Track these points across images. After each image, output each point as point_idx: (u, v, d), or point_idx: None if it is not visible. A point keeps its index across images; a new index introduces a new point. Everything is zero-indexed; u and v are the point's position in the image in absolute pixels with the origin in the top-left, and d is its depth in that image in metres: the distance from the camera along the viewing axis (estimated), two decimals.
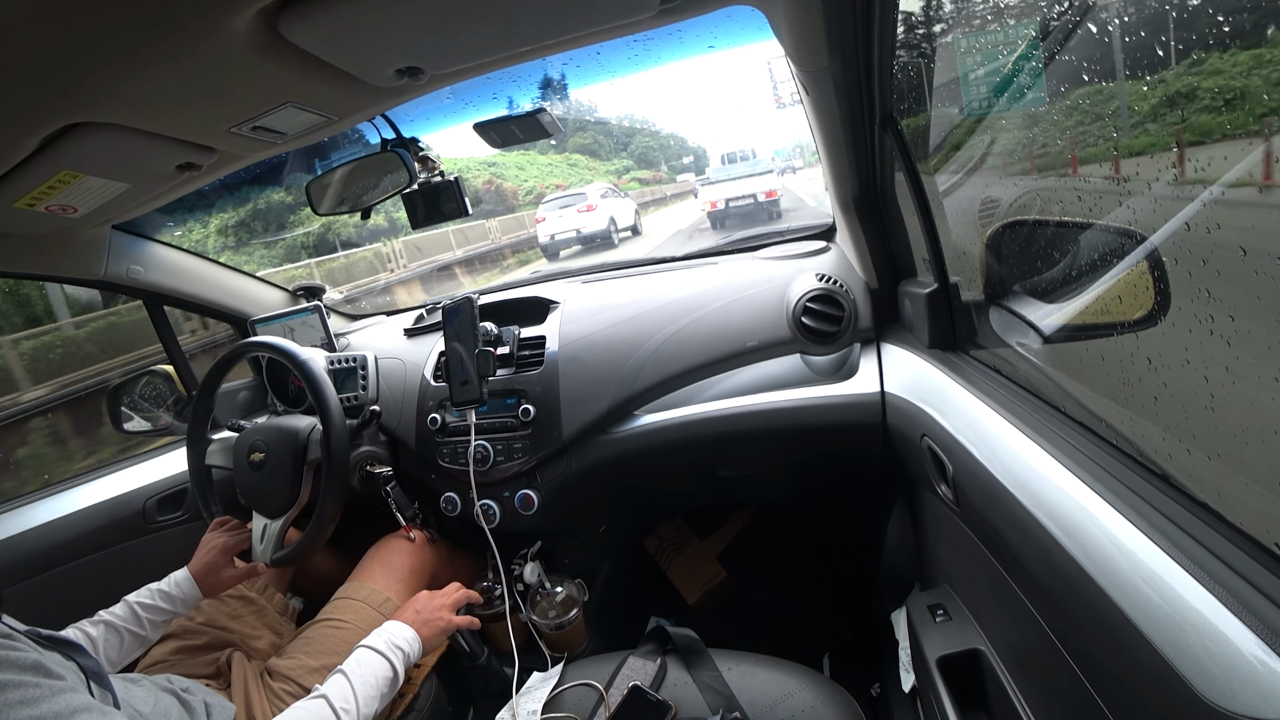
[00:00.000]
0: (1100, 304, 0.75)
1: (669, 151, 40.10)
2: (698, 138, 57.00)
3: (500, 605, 1.34)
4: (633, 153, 37.51)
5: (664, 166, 36.32)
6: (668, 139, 43.09)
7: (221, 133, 0.91)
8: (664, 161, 37.40)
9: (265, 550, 1.18)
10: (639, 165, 35.99)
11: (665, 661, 1.08)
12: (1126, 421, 0.69)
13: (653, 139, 39.88)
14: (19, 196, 0.95)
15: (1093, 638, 0.58)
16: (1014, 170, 1.09)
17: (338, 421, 1.18)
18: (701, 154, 38.41)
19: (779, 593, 1.88)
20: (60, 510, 1.43)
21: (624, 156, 36.31)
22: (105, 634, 1.00)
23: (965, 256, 1.07)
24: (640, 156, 37.65)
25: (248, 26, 0.65)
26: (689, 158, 39.72)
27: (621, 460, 1.33)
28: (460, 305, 1.34)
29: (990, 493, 0.76)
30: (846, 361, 1.29)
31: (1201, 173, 0.59)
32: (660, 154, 39.04)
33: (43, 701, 0.60)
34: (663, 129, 57.99)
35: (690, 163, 37.77)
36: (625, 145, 37.48)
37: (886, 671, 1.29)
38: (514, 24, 0.79)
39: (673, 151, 40.32)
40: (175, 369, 1.65)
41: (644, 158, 37.54)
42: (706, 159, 39.50)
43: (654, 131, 42.27)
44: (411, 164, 1.18)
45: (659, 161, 37.38)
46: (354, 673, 0.93)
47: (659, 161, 37.38)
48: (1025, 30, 0.98)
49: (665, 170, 35.11)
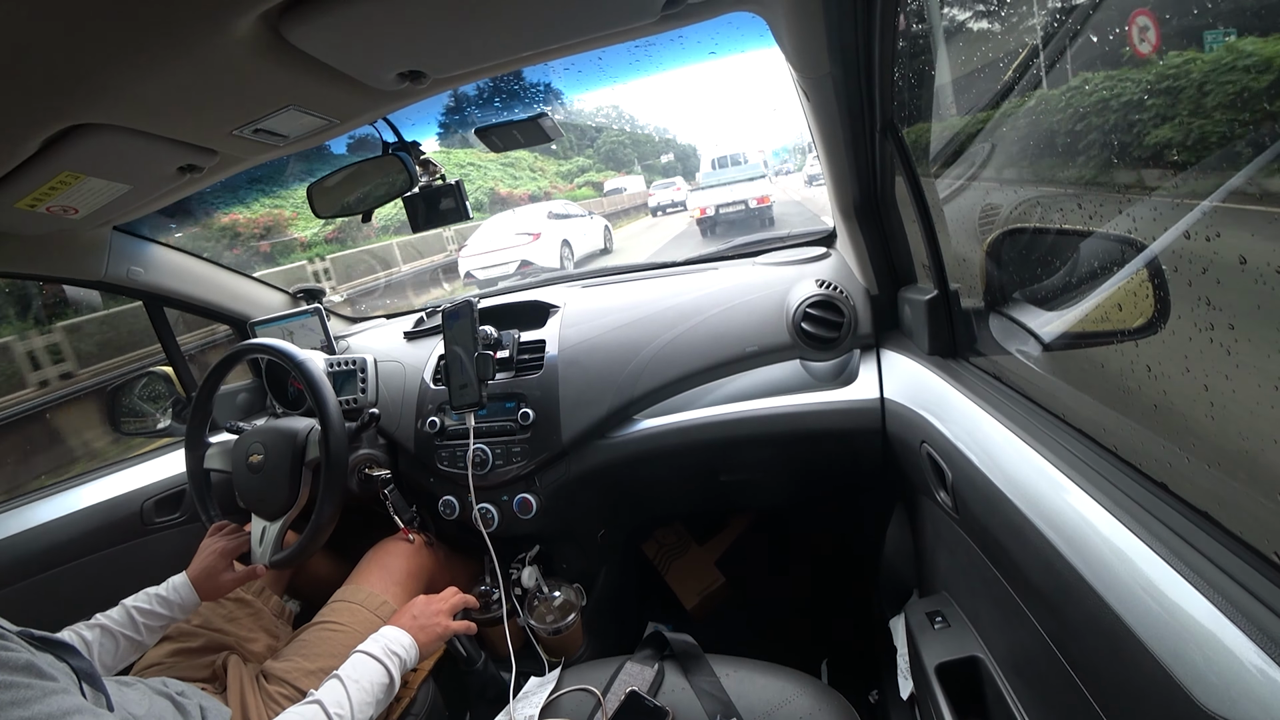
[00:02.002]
0: (1100, 312, 0.75)
1: (644, 148, 32.97)
2: (685, 135, 49.44)
3: (498, 610, 1.33)
4: (600, 149, 29.84)
5: (638, 167, 29.89)
6: (645, 136, 35.08)
7: (223, 135, 0.91)
8: (638, 160, 30.99)
9: (264, 552, 1.18)
10: (607, 165, 28.93)
11: (663, 667, 1.08)
12: (1126, 429, 0.69)
13: (624, 135, 32.05)
14: (20, 197, 0.96)
15: (1091, 646, 0.58)
16: (1015, 177, 1.10)
17: (336, 422, 1.18)
18: (688, 153, 31.40)
19: (777, 598, 1.88)
20: (58, 511, 1.42)
21: (587, 153, 28.25)
22: (101, 638, 0.99)
23: (965, 263, 1.07)
24: (609, 154, 30.39)
25: (250, 29, 0.65)
26: (667, 155, 32.77)
27: (620, 465, 1.33)
28: (460, 308, 1.34)
29: (989, 500, 0.76)
30: (846, 367, 1.29)
31: (1201, 180, 0.59)
32: (633, 151, 31.87)
33: (35, 703, 0.59)
34: (645, 124, 47.31)
35: (670, 162, 31.41)
36: (592, 141, 29.70)
37: (885, 678, 1.29)
38: (516, 28, 0.79)
39: (649, 149, 33.19)
40: (174, 370, 1.65)
41: (613, 155, 30.40)
42: (696, 160, 33.27)
43: (627, 128, 33.35)
44: (413, 167, 1.18)
45: (631, 160, 30.62)
46: (349, 678, 0.92)
47: (631, 160, 30.62)
48: (1026, 37, 0.98)
49: (640, 171, 28.56)
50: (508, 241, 10.17)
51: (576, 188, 24.59)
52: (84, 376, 5.69)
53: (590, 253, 11.38)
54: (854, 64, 0.92)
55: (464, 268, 10.37)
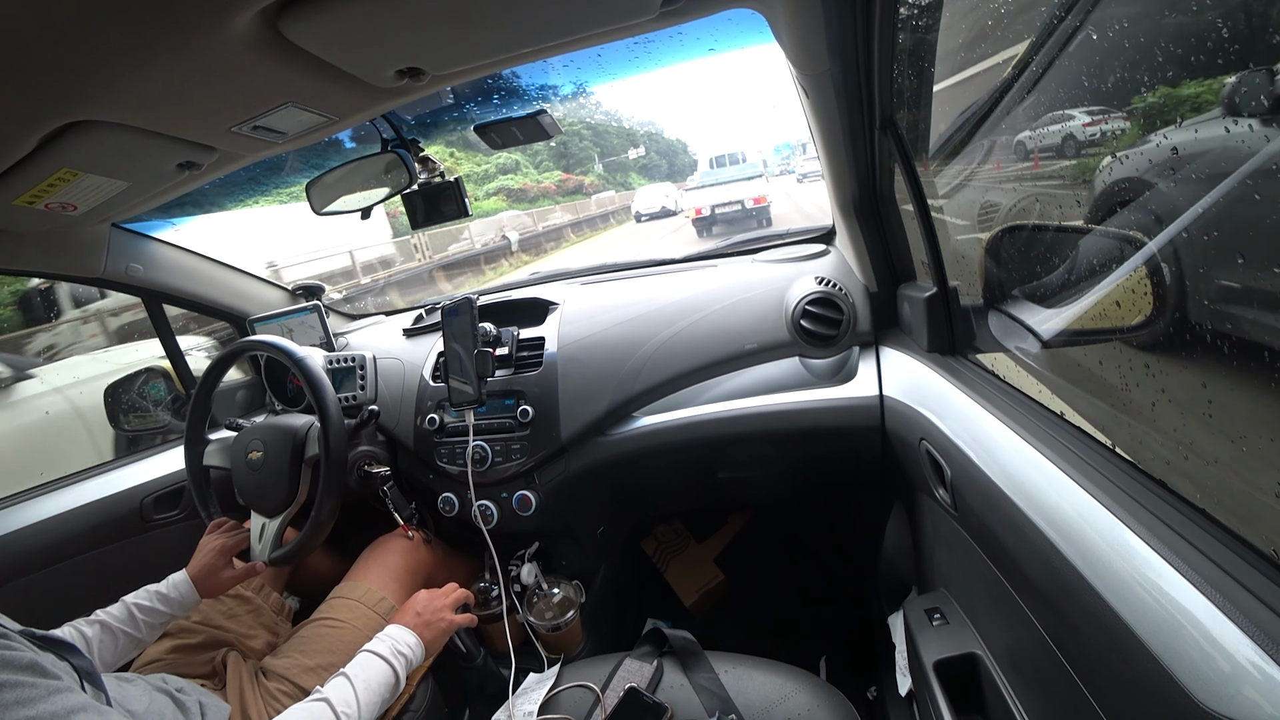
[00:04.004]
0: (1099, 309, 0.75)
1: (609, 144, 23.53)
2: (673, 130, 40.08)
3: (497, 606, 1.33)
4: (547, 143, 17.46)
5: (598, 166, 21.89)
6: (612, 127, 25.53)
7: (222, 132, 0.91)
8: (599, 158, 22.38)
9: (264, 549, 1.18)
10: (556, 164, 20.85)
11: (662, 663, 1.08)
12: (1125, 427, 0.69)
13: (581, 125, 23.16)
14: (19, 194, 0.95)
15: (1089, 643, 0.58)
16: (1014, 174, 1.10)
17: (335, 418, 1.18)
18: (677, 149, 24.54)
19: (776, 595, 1.88)
20: (58, 507, 1.42)
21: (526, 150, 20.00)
22: (100, 634, 1.00)
23: (964, 260, 1.07)
24: (559, 150, 22.03)
25: (249, 26, 0.65)
26: (636, 150, 23.80)
27: (620, 462, 1.33)
28: (459, 306, 1.34)
29: (988, 497, 0.76)
30: (845, 365, 1.29)
31: (1200, 177, 0.59)
32: (592, 145, 22.84)
33: (39, 701, 0.59)
34: (615, 110, 36.55)
35: (638, 157, 23.32)
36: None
37: (883, 675, 1.29)
38: (515, 25, 0.79)
39: (613, 144, 23.47)
40: (174, 367, 1.65)
41: (564, 151, 22.13)
42: (686, 157, 25.11)
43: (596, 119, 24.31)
44: (412, 164, 1.18)
45: (589, 158, 21.86)
46: (357, 676, 0.93)
47: (589, 158, 21.86)
48: (1026, 33, 0.98)
49: (598, 173, 20.63)
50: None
51: (482, 201, 18.38)
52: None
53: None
54: (853, 61, 0.92)
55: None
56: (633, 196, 18.24)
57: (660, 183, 19.34)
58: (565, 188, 21.76)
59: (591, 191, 20.24)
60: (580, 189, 21.14)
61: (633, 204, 17.98)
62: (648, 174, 23.60)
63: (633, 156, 25.44)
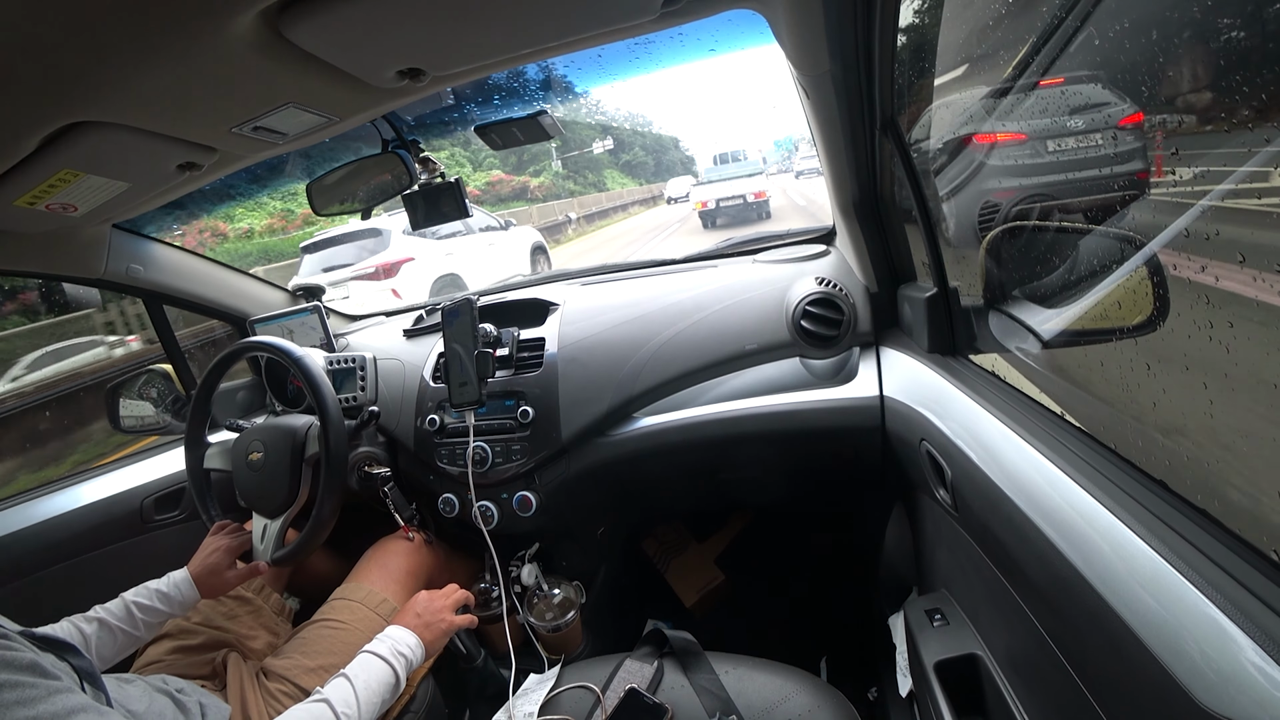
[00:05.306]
0: (1100, 309, 0.75)
1: (580, 134, 20.59)
2: (668, 128, 37.84)
3: (498, 607, 1.33)
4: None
5: (555, 163, 18.50)
6: (589, 121, 22.18)
7: (222, 133, 0.91)
8: (557, 155, 19.11)
9: (265, 549, 1.18)
10: (499, 161, 18.15)
11: (662, 664, 1.08)
12: (1125, 427, 0.69)
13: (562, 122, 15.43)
14: (19, 195, 0.95)
15: (1090, 643, 0.58)
16: (1015, 174, 1.10)
17: (335, 418, 1.18)
18: (667, 146, 22.83)
19: (777, 596, 1.88)
20: (58, 508, 1.42)
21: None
22: (99, 631, 1.00)
23: (965, 261, 1.07)
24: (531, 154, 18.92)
25: (249, 26, 0.65)
26: (605, 141, 21.18)
27: (620, 462, 1.33)
28: (460, 306, 1.34)
29: (988, 497, 0.76)
30: (846, 365, 1.29)
31: (1200, 179, 0.59)
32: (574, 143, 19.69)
33: (40, 702, 0.60)
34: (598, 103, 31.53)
35: (607, 150, 20.85)
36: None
37: (884, 676, 1.29)
38: (516, 26, 0.79)
39: (582, 136, 20.40)
40: (174, 368, 1.65)
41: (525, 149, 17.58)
42: (678, 154, 26.66)
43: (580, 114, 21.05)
44: (412, 165, 1.18)
45: (544, 154, 18.65)
46: (357, 677, 0.93)
47: (544, 154, 18.65)
48: (1028, 33, 0.98)
49: (556, 171, 17.50)
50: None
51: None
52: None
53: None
54: (854, 61, 0.92)
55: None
56: (628, 195, 22.03)
57: (682, 176, 22.70)
58: (497, 191, 18.63)
59: (539, 197, 17.73)
60: (525, 193, 18.42)
61: (665, 190, 22.33)
62: (631, 172, 22.46)
63: (598, 150, 22.37)
